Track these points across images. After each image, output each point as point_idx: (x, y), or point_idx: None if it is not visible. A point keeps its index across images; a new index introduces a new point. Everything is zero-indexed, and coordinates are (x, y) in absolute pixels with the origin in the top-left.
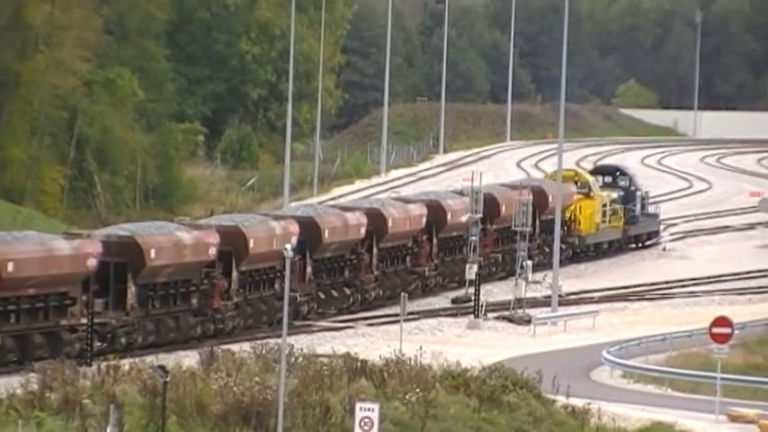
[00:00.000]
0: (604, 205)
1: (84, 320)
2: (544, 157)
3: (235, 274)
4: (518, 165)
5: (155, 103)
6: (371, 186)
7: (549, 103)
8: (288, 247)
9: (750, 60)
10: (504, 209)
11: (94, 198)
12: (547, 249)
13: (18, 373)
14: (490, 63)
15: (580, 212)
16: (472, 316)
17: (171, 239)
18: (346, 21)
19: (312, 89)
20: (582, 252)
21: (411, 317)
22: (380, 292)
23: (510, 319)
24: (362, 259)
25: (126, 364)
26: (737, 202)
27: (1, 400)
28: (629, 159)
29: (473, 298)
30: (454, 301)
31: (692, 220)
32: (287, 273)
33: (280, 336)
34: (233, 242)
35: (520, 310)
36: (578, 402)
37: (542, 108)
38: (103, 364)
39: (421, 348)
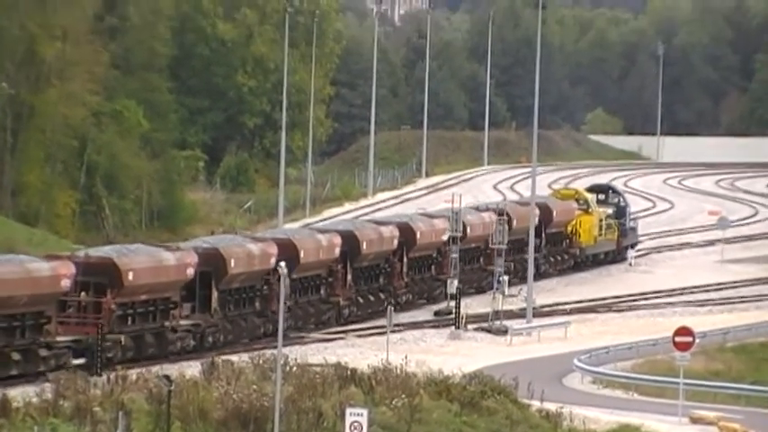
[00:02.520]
0: (601, 220)
1: (183, 322)
2: (519, 180)
3: (287, 281)
4: (494, 187)
5: (159, 132)
6: (359, 208)
7: (523, 130)
8: (282, 264)
9: (709, 89)
10: (515, 222)
11: (103, 220)
12: (552, 259)
13: (32, 383)
14: (468, 93)
15: (580, 226)
16: (453, 327)
17: (244, 251)
18: (335, 55)
19: (304, 119)
20: (582, 262)
21: (397, 328)
22: (410, 297)
23: (488, 330)
24: (395, 268)
25: (133, 373)
26: (698, 220)
27: (18, 408)
28: (597, 182)
29: (454, 311)
30: (437, 313)
31: (655, 238)
32: (281, 288)
33: (275, 347)
34: (287, 253)
35: (497, 322)
36: (552, 406)
37: (517, 134)
38: (112, 374)
39: (406, 357)
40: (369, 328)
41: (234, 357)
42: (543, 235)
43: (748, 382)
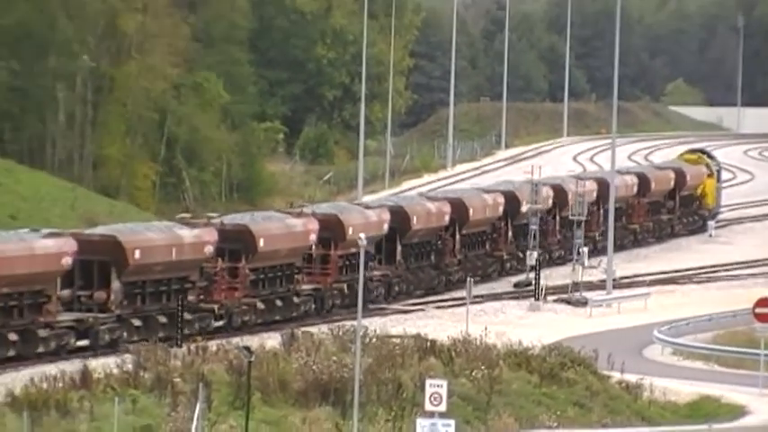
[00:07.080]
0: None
1: (376, 272)
2: (598, 152)
3: (458, 236)
4: (574, 159)
5: (238, 104)
6: (438, 180)
7: (603, 101)
8: (362, 236)
9: None
10: (653, 185)
11: (183, 192)
12: (684, 220)
13: (115, 354)
14: (548, 64)
15: (706, 189)
16: (533, 299)
17: (424, 209)
18: (414, 27)
19: (383, 90)
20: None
21: (476, 300)
22: (562, 253)
23: (568, 302)
24: (549, 225)
25: (213, 345)
26: None
27: (99, 379)
28: (677, 153)
29: (534, 282)
30: (516, 285)
31: (736, 209)
32: (361, 259)
33: (355, 318)
34: (458, 211)
35: (577, 293)
36: (632, 378)
37: (596, 106)
38: (192, 345)
39: (486, 329)
40: (448, 300)
41: (313, 329)
42: (677, 197)
43: None
